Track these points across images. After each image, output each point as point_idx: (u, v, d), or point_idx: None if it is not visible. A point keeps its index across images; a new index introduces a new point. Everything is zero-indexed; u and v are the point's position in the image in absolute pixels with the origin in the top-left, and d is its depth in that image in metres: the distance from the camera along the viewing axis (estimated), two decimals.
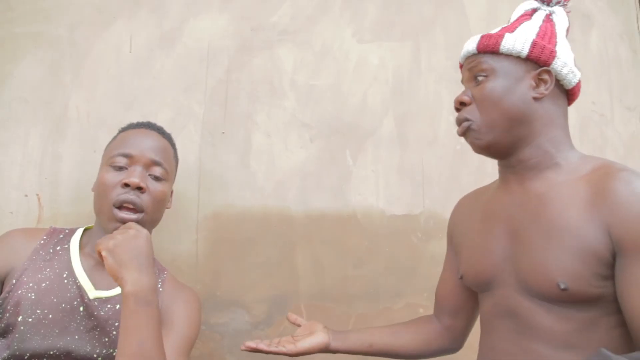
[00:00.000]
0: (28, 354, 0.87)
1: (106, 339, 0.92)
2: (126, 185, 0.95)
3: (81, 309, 0.93)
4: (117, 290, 0.97)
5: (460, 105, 0.90)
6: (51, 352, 0.88)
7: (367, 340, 1.02)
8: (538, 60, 0.86)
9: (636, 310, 0.70)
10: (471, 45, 0.91)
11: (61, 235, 1.02)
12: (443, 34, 1.61)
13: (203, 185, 1.37)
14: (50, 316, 0.90)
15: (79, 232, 1.04)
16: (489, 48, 0.88)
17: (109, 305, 0.95)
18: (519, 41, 0.86)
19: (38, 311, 0.89)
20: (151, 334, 0.80)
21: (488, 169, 1.45)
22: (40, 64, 1.35)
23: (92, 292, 0.95)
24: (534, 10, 0.93)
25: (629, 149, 1.83)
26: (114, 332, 0.93)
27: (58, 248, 0.99)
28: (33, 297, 0.90)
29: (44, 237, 1.00)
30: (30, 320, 0.89)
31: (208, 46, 1.44)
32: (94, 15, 1.39)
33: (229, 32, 1.46)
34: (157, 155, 1.01)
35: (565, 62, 0.87)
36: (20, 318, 0.88)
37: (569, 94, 0.92)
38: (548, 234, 0.79)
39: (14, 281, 0.92)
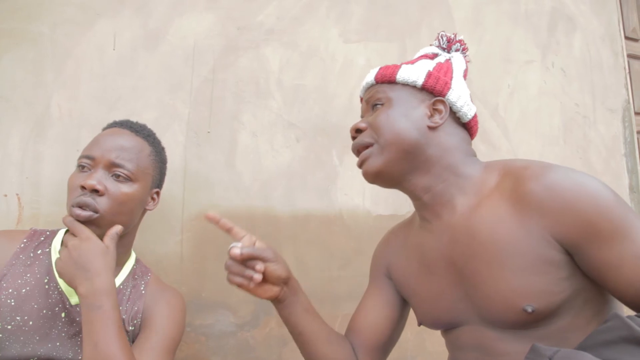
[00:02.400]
0: None
1: None
2: (84, 187, 0.93)
3: (63, 315, 0.91)
4: None
5: (356, 132, 0.90)
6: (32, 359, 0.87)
7: (302, 326, 0.92)
8: (433, 90, 0.87)
9: (630, 286, 0.68)
10: (370, 77, 0.93)
11: (42, 238, 0.99)
12: (429, 36, 1.62)
13: (188, 186, 1.36)
14: (31, 323, 0.88)
15: (61, 233, 1.02)
16: (385, 78, 0.90)
17: None
18: (414, 72, 0.88)
19: (18, 318, 0.88)
20: (106, 335, 0.81)
21: None
22: (21, 62, 1.32)
23: (73, 298, 0.93)
24: (435, 55, 0.95)
25: (611, 150, 1.86)
26: None
27: (39, 252, 0.97)
28: (13, 303, 0.88)
29: (24, 240, 0.97)
30: (9, 327, 0.87)
31: (193, 45, 1.43)
32: (77, 13, 1.37)
33: (215, 32, 1.45)
34: (120, 156, 0.96)
35: (460, 95, 0.88)
36: None
37: (468, 128, 0.92)
38: (493, 263, 0.76)
39: None
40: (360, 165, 0.90)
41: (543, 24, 1.84)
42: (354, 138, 0.92)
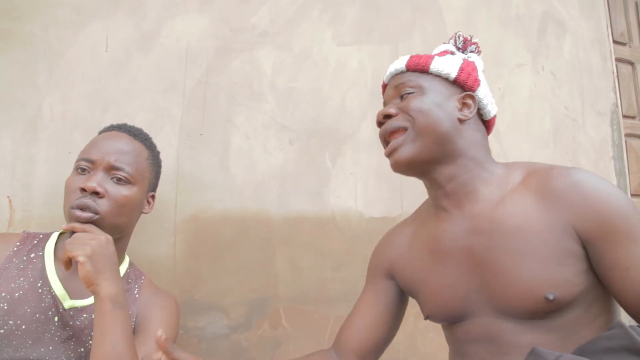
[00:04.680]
0: None
1: (82, 349, 0.91)
2: (84, 190, 0.93)
3: (56, 319, 0.91)
4: (92, 299, 0.95)
5: (384, 118, 0.89)
6: None
7: None
8: (464, 85, 0.90)
9: (633, 289, 0.72)
10: (399, 64, 0.93)
11: (35, 241, 0.99)
12: (421, 39, 1.63)
13: (181, 188, 1.36)
14: (24, 327, 0.88)
15: (54, 237, 1.01)
16: (418, 67, 0.90)
17: (84, 315, 0.93)
18: (448, 64, 0.90)
19: (10, 322, 0.87)
20: (124, 335, 0.83)
21: None
22: (13, 63, 1.31)
23: (67, 302, 0.93)
24: (452, 53, 0.97)
25: (600, 153, 1.89)
26: (90, 342, 0.91)
27: (32, 255, 0.96)
28: (6, 307, 0.88)
29: (17, 244, 0.97)
30: (2, 331, 0.86)
31: (187, 47, 1.43)
32: (70, 14, 1.36)
33: (208, 34, 1.45)
34: (120, 159, 0.97)
35: (486, 93, 0.92)
36: None
37: (487, 126, 0.95)
38: (517, 251, 0.78)
39: None
40: (389, 154, 0.89)
41: (533, 28, 1.86)
42: (380, 124, 0.91)
